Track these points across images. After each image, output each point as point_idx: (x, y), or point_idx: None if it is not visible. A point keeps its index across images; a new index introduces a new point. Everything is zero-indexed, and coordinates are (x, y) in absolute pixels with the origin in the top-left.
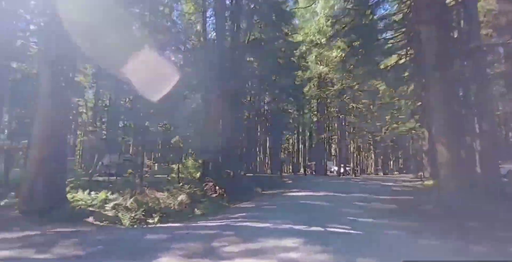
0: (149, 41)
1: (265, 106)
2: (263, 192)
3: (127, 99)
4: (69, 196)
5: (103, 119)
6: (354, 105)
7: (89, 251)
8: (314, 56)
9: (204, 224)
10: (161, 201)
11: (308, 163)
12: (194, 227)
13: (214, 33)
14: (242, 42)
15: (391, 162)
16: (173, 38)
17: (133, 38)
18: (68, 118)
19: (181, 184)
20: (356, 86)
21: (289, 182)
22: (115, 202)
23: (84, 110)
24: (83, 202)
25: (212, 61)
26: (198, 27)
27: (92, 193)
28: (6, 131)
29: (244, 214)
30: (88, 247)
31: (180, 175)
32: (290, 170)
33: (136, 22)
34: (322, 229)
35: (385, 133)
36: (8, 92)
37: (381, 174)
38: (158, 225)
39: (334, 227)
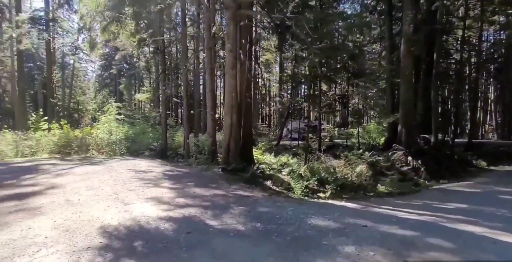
0: None
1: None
2: (489, 167)
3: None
4: (260, 157)
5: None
6: None
7: (248, 227)
8: None
9: (391, 212)
10: (337, 169)
11: None
12: (377, 216)
13: None
14: None
15: None
16: None
17: None
18: (252, 91)
19: (361, 150)
20: None
21: None
22: (290, 168)
23: (274, 84)
24: (266, 166)
25: None
26: None
27: (278, 156)
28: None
29: (455, 204)
30: (248, 222)
31: (360, 140)
32: None
33: None
34: None
35: None
36: None
37: None
38: (330, 201)
39: None
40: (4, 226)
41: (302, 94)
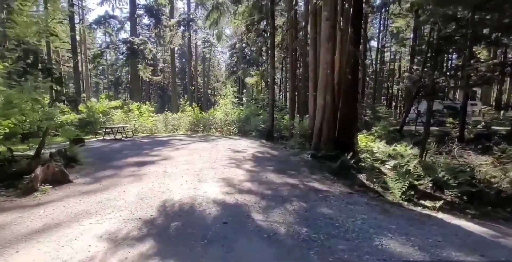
0: None
1: None
2: None
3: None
4: (370, 144)
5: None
6: None
7: (290, 231)
8: None
9: None
10: (477, 169)
11: None
12: None
13: None
14: None
15: None
16: None
17: None
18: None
19: None
20: None
21: None
22: (397, 161)
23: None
24: (368, 155)
25: None
26: None
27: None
28: None
29: None
30: (295, 225)
31: None
32: None
33: None
34: None
35: None
36: None
37: None
38: (440, 214)
39: None
40: (114, 187)
41: (447, 66)
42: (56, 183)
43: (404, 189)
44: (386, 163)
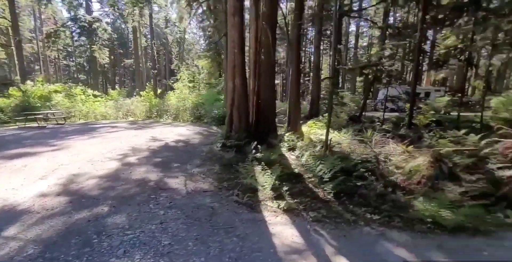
0: None
1: None
2: None
3: None
4: (312, 131)
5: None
6: None
7: None
8: None
9: None
10: (387, 160)
11: None
12: None
13: None
14: None
15: None
16: None
17: None
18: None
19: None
20: None
21: None
22: (300, 151)
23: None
24: (290, 144)
25: None
26: None
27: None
28: None
29: None
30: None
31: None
32: None
33: None
34: None
35: None
36: None
37: None
38: (279, 216)
39: None
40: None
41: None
42: None
43: (276, 185)
44: (292, 152)
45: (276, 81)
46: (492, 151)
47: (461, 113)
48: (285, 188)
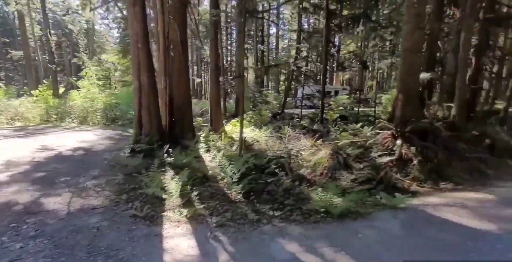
0: None
1: None
2: None
3: None
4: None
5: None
6: None
7: None
8: None
9: None
10: (301, 153)
11: None
12: None
13: None
14: None
15: None
16: None
17: None
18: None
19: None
20: None
21: None
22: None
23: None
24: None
25: None
26: None
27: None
28: None
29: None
30: None
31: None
32: None
33: None
34: None
35: None
36: None
37: None
38: (179, 229)
39: None
40: None
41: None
42: None
43: (187, 190)
44: (209, 153)
45: (200, 80)
46: (375, 141)
47: (360, 109)
48: (194, 193)
